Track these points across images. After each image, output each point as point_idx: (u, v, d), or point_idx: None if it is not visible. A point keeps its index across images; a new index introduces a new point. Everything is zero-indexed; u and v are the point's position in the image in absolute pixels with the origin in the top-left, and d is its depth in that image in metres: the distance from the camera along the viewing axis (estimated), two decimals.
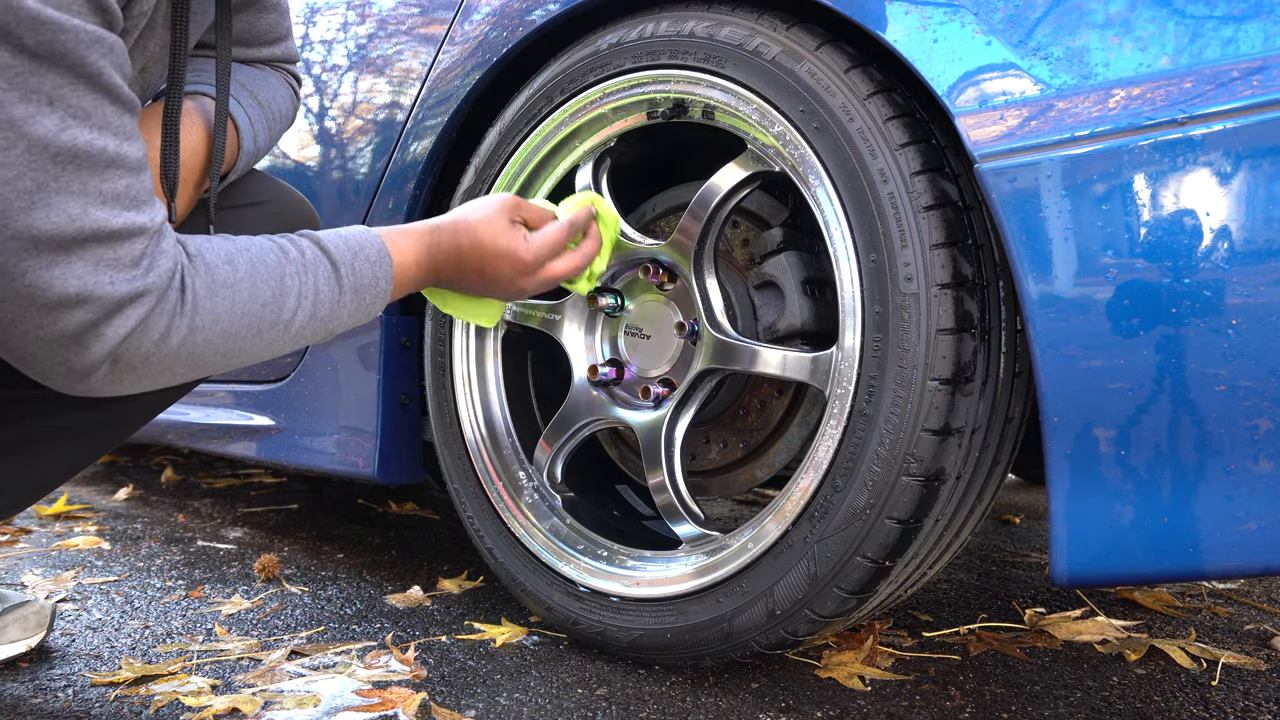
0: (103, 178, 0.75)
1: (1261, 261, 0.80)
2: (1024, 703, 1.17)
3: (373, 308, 1.00)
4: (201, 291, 0.84)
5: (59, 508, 2.14)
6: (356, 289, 0.97)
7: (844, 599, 1.06)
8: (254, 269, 0.89)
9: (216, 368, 0.89)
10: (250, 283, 0.88)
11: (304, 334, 0.94)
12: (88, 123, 0.73)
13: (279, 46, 1.20)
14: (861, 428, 1.03)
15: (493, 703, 1.12)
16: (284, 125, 1.22)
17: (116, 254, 0.76)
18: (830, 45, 1.08)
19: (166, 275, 0.80)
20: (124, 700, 1.11)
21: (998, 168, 0.91)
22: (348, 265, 0.96)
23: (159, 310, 0.80)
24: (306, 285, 0.93)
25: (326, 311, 0.95)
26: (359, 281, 0.97)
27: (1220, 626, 1.51)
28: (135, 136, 0.78)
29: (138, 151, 0.78)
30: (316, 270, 0.94)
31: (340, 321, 0.97)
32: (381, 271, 1.00)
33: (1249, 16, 0.81)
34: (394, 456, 1.54)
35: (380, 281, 1.00)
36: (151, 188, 0.81)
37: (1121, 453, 0.88)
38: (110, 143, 0.75)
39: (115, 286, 0.77)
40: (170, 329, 0.81)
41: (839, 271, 1.06)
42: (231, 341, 0.87)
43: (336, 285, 0.95)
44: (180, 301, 0.82)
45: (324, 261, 0.95)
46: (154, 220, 0.80)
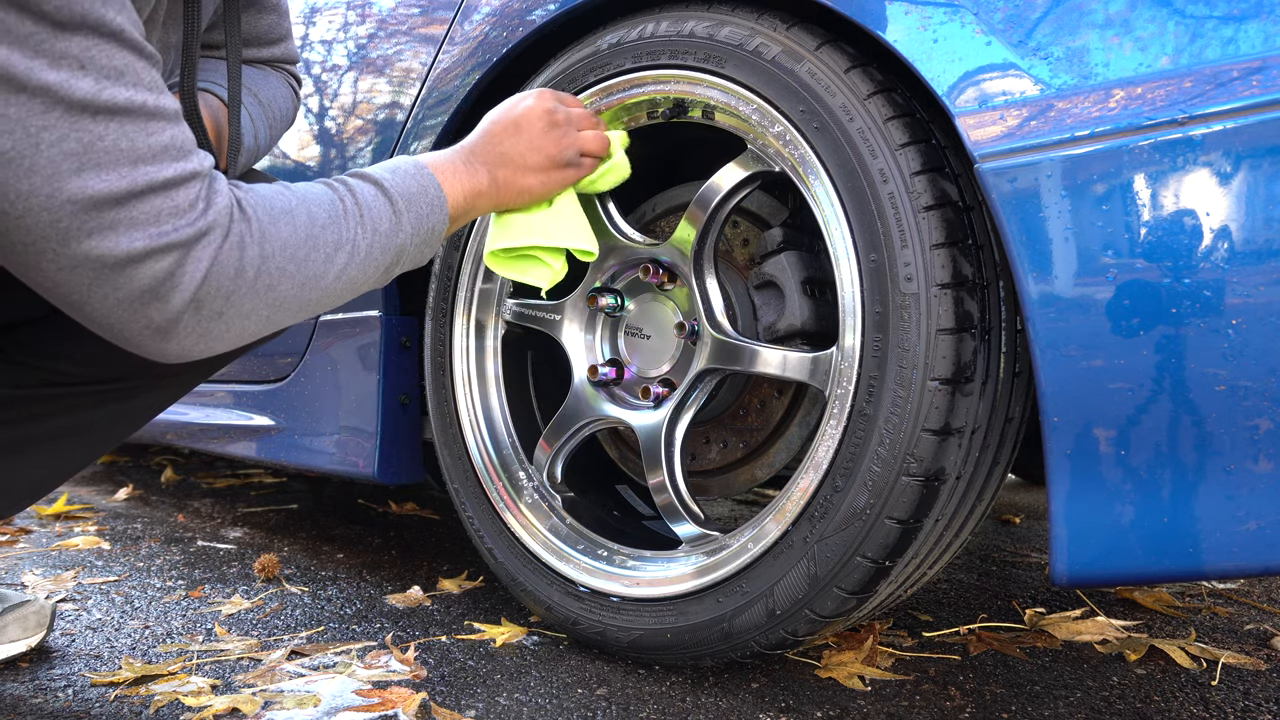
0: (147, 131, 0.75)
1: (1261, 261, 0.80)
2: (1024, 703, 1.17)
3: (433, 219, 0.98)
4: (264, 217, 0.84)
5: (59, 508, 2.14)
6: (407, 199, 0.96)
7: (844, 599, 1.06)
8: (304, 198, 0.89)
9: (300, 303, 0.88)
10: (305, 208, 0.88)
11: (374, 255, 0.92)
12: (122, 80, 0.73)
13: (279, 47, 1.21)
14: (861, 428, 1.03)
15: (493, 703, 1.12)
16: (284, 125, 1.22)
17: (175, 201, 0.76)
18: (830, 45, 1.08)
19: (227, 210, 0.80)
20: (124, 700, 1.11)
21: (998, 168, 0.91)
22: (389, 180, 0.95)
23: (228, 244, 0.80)
24: (359, 204, 0.92)
25: (387, 225, 0.93)
26: (407, 191, 0.96)
27: (1220, 626, 1.51)
28: (164, 89, 0.78)
29: (173, 104, 0.78)
30: (360, 190, 0.93)
31: (405, 236, 0.95)
32: (426, 180, 0.98)
33: (1249, 16, 0.81)
34: (394, 456, 1.54)
35: (429, 189, 0.98)
36: (193, 138, 0.81)
37: (1121, 453, 0.88)
38: (148, 97, 0.75)
39: (180, 231, 0.76)
40: (244, 260, 0.81)
41: (839, 271, 1.06)
42: (306, 267, 0.86)
43: (386, 199, 0.94)
44: (246, 230, 0.82)
45: (365, 184, 0.94)
46: (203, 165, 0.80)
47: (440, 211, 0.99)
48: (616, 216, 1.32)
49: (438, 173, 1.01)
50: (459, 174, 1.03)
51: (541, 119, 1.10)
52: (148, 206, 0.75)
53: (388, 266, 0.95)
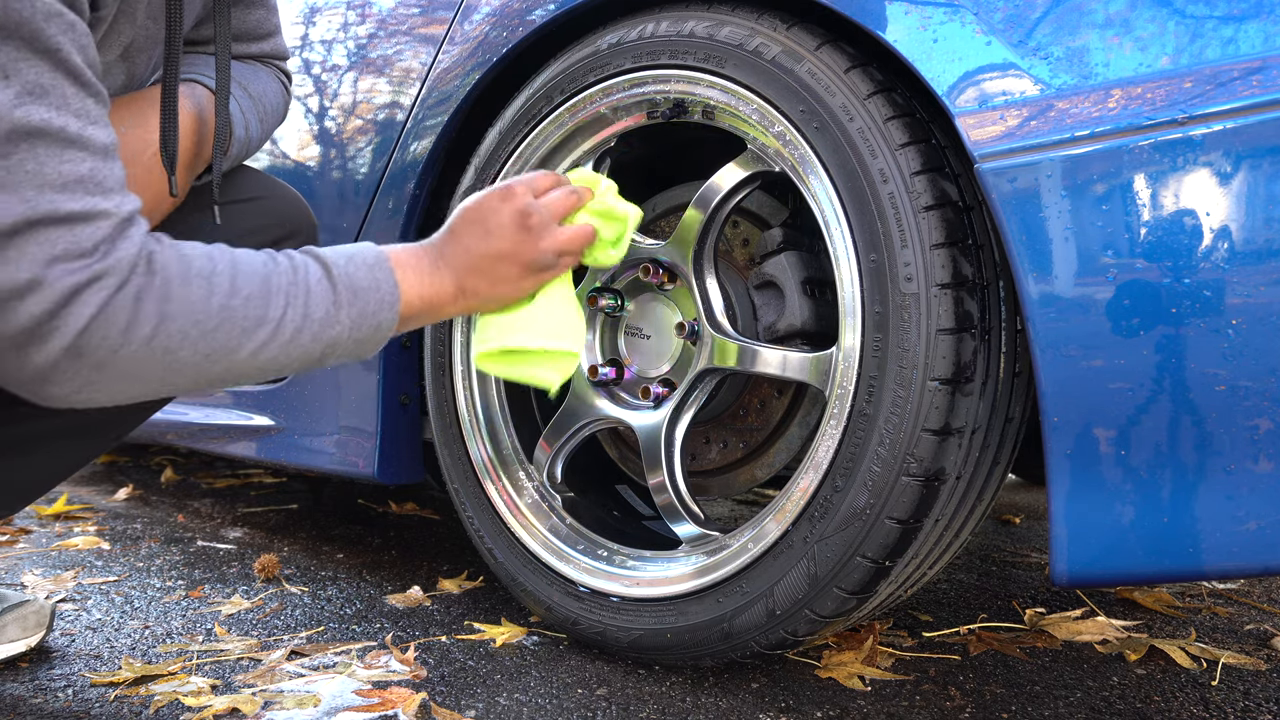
0: (61, 159, 0.71)
1: (1261, 261, 0.80)
2: (1024, 703, 1.17)
3: (379, 317, 0.91)
4: (175, 276, 0.78)
5: (59, 508, 2.14)
6: (353, 290, 0.90)
7: (844, 599, 1.06)
8: (234, 264, 0.83)
9: (202, 374, 0.82)
10: (230, 276, 0.82)
11: (301, 341, 0.87)
12: (44, 100, 0.70)
13: (268, 42, 1.21)
14: (861, 428, 1.03)
15: (493, 703, 1.12)
16: (275, 119, 1.22)
17: (75, 237, 0.72)
18: (830, 45, 1.08)
19: (130, 258, 0.75)
20: (124, 700, 1.11)
21: (998, 168, 0.91)
22: (340, 267, 0.90)
23: (122, 295, 0.75)
24: (297, 284, 0.86)
25: (322, 313, 0.87)
26: (355, 283, 0.90)
27: (1220, 626, 1.51)
28: (100, 122, 0.75)
29: (104, 137, 0.75)
30: (303, 270, 0.88)
31: (341, 329, 0.89)
32: (381, 275, 0.92)
33: (1249, 16, 0.81)
34: (394, 456, 1.54)
35: (382, 285, 0.91)
36: (123, 178, 0.77)
37: (1121, 453, 0.88)
38: (70, 123, 0.72)
39: (72, 272, 0.72)
40: (138, 315, 0.75)
41: (839, 271, 1.06)
42: (214, 339, 0.80)
43: (329, 285, 0.88)
44: (147, 285, 0.76)
45: (313, 264, 0.89)
46: (120, 207, 0.75)
47: (389, 310, 0.91)
48: None
49: (400, 269, 0.93)
50: (423, 276, 0.95)
51: (513, 224, 0.98)
52: (42, 238, 0.70)
53: (319, 355, 0.89)
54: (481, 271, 0.98)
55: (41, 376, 0.75)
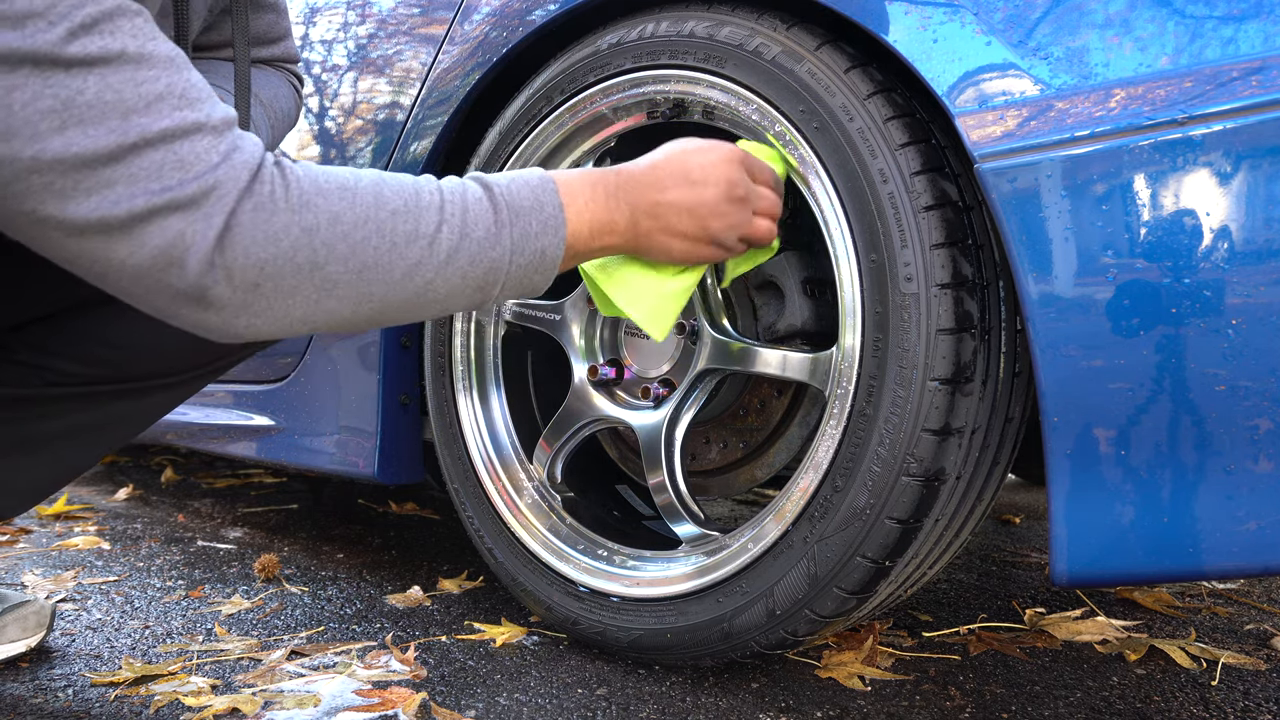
0: (135, 81, 0.69)
1: (1261, 261, 0.80)
2: (1024, 703, 1.17)
3: (543, 241, 0.84)
4: (309, 186, 0.74)
5: (59, 508, 2.14)
6: (515, 209, 0.83)
7: (844, 599, 1.06)
8: (377, 180, 0.79)
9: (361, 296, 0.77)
10: (373, 189, 0.78)
11: (459, 262, 0.80)
12: (96, 29, 0.68)
13: (278, 46, 1.20)
14: (861, 428, 1.03)
15: (493, 703, 1.12)
16: (287, 125, 1.21)
17: (177, 154, 0.69)
18: (830, 45, 1.08)
19: (248, 166, 0.72)
20: (124, 700, 1.11)
21: (998, 168, 0.91)
22: (501, 186, 0.84)
23: (249, 204, 0.71)
24: (452, 201, 0.81)
25: (481, 232, 0.81)
26: (517, 202, 0.83)
27: (1220, 626, 1.51)
28: (159, 37, 0.72)
29: (166, 49, 0.72)
30: (458, 187, 0.82)
31: (503, 251, 0.82)
32: (546, 196, 0.85)
33: (1249, 16, 0.81)
34: (394, 456, 1.54)
35: (546, 206, 0.84)
36: (204, 86, 0.73)
37: (1121, 453, 0.88)
38: (129, 43, 0.69)
39: (184, 186, 0.69)
40: (274, 225, 0.72)
41: (839, 271, 1.06)
42: (363, 252, 0.76)
43: (489, 203, 0.82)
44: (280, 193, 0.73)
45: (471, 183, 0.84)
46: (211, 116, 0.72)
47: (554, 234, 0.86)
48: None
49: (565, 193, 0.88)
50: (593, 203, 0.89)
51: (722, 184, 0.94)
52: (145, 161, 0.68)
53: (480, 282, 0.83)
54: (663, 217, 0.93)
55: (196, 302, 0.72)
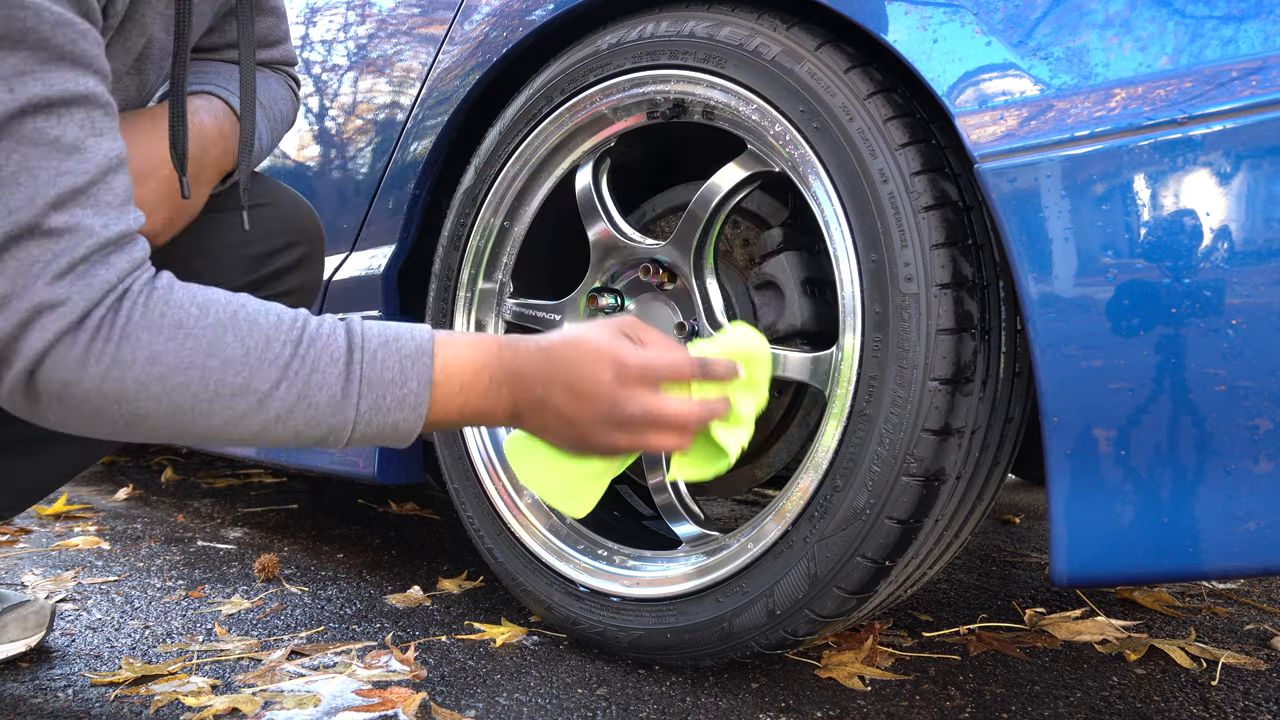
0: (57, 170, 0.69)
1: (1261, 261, 0.80)
2: (1024, 703, 1.17)
3: (398, 414, 0.79)
4: (138, 321, 0.72)
5: (59, 508, 2.14)
6: (371, 381, 0.78)
7: (844, 599, 1.06)
8: (233, 322, 0.75)
9: (174, 430, 0.75)
10: (215, 334, 0.74)
11: (293, 422, 0.77)
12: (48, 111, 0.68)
13: (278, 49, 1.21)
14: (861, 428, 1.03)
15: (493, 703, 1.12)
16: (285, 127, 1.22)
17: (53, 254, 0.69)
18: (830, 45, 1.08)
19: (97, 291, 0.71)
20: (124, 700, 1.11)
21: (998, 168, 0.91)
22: (369, 351, 0.79)
23: (82, 327, 0.70)
24: (303, 360, 0.76)
25: (324, 398, 0.77)
26: (379, 373, 0.78)
27: (1220, 626, 1.51)
28: (106, 133, 0.72)
29: (106, 149, 0.72)
30: (322, 346, 0.78)
31: (346, 418, 0.78)
32: (414, 370, 0.80)
33: (1249, 16, 0.81)
34: (394, 456, 1.54)
35: (409, 381, 0.79)
36: (124, 194, 0.73)
37: (1121, 453, 0.88)
38: (68, 132, 0.69)
39: (35, 292, 0.68)
40: (89, 354, 0.70)
41: (839, 271, 1.06)
42: (177, 395, 0.73)
43: (345, 369, 0.78)
44: (109, 324, 0.71)
45: (340, 340, 0.79)
46: (107, 228, 0.71)
47: (412, 411, 0.80)
48: (617, 217, 1.32)
49: (442, 371, 0.81)
50: (471, 389, 0.83)
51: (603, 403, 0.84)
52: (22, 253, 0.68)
53: (320, 437, 0.79)
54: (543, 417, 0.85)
55: (11, 395, 0.72)
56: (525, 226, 1.40)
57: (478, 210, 1.40)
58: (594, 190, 1.32)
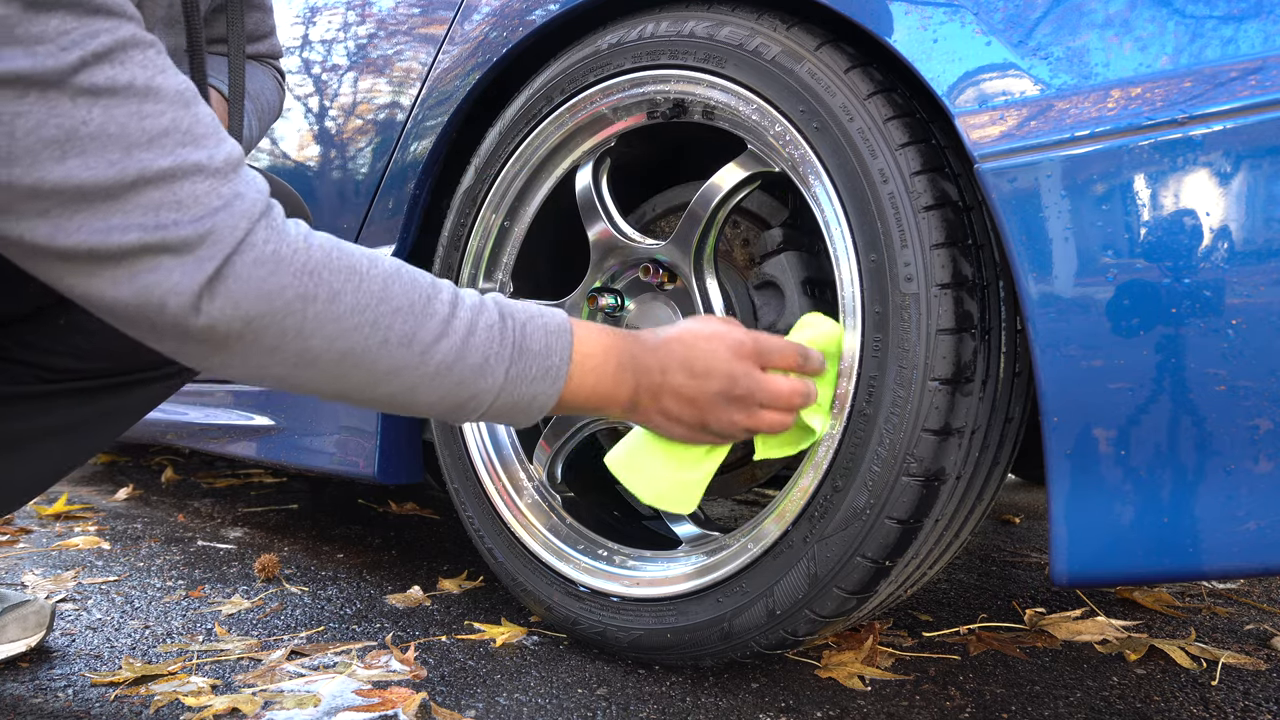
0: (140, 115, 0.68)
1: (1261, 261, 0.80)
2: (1024, 703, 1.17)
3: (537, 388, 0.82)
4: (316, 254, 0.72)
5: (59, 508, 2.14)
6: (521, 348, 0.81)
7: (844, 599, 1.06)
8: (397, 275, 0.77)
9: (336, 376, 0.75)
10: (384, 282, 0.75)
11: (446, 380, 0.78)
12: (108, 60, 0.67)
13: (264, 43, 1.23)
14: (861, 428, 1.03)
15: (493, 703, 1.12)
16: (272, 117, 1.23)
17: (176, 195, 0.68)
18: (830, 45, 1.08)
19: (246, 215, 0.71)
20: (124, 700, 1.11)
21: (998, 168, 0.91)
22: (518, 321, 0.82)
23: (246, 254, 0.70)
24: (460, 318, 0.78)
25: (479, 359, 0.78)
26: (526, 341, 0.81)
27: (1220, 626, 1.51)
28: (169, 69, 0.71)
29: (176, 83, 0.71)
30: (477, 310, 0.80)
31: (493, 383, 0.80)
32: (557, 344, 0.83)
33: (1249, 16, 0.81)
34: (394, 456, 1.54)
35: (554, 354, 0.82)
36: (211, 123, 0.72)
37: (1121, 453, 0.88)
38: (139, 75, 0.68)
39: (179, 228, 0.68)
40: (270, 281, 0.70)
41: (839, 271, 1.06)
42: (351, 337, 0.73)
43: (499, 334, 0.80)
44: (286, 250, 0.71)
45: (490, 306, 0.81)
46: (214, 157, 0.71)
47: (551, 385, 0.84)
48: (617, 217, 1.32)
49: (579, 351, 0.85)
50: (602, 372, 0.87)
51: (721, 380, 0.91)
52: (141, 198, 0.68)
53: (460, 402, 0.80)
54: (660, 401, 0.91)
55: (173, 337, 0.71)
56: (525, 226, 1.41)
57: (478, 210, 1.40)
58: (594, 190, 1.32)
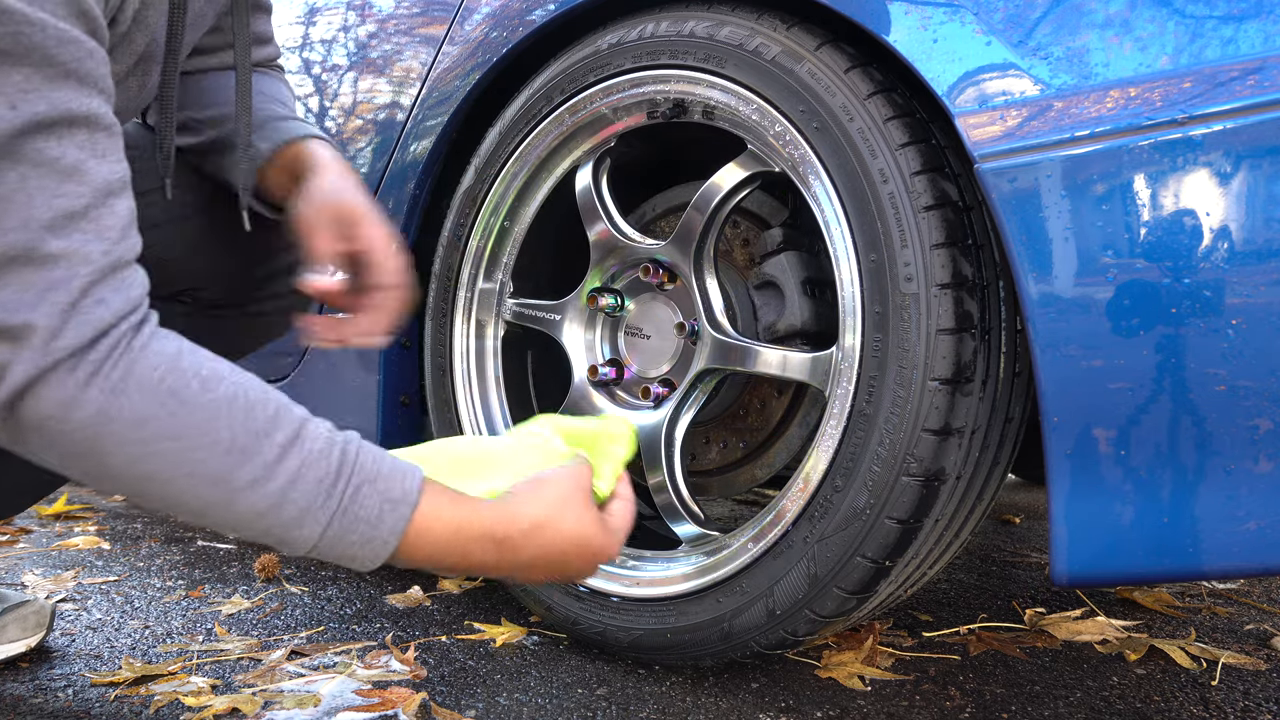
0: (55, 193, 0.65)
1: (1261, 261, 0.80)
2: (1024, 703, 1.17)
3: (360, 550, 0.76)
4: (136, 377, 0.68)
5: (59, 508, 2.14)
6: (345, 512, 0.74)
7: (844, 599, 1.06)
8: (229, 407, 0.71)
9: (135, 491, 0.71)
10: (210, 413, 0.70)
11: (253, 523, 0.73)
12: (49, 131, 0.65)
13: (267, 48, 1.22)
14: (861, 428, 1.03)
15: (493, 703, 1.12)
16: None
17: (45, 280, 0.65)
18: (830, 45, 1.08)
19: (95, 328, 0.67)
20: (124, 700, 1.11)
21: (998, 168, 0.91)
22: (354, 485, 0.75)
23: (75, 367, 0.66)
24: (286, 466, 0.73)
25: (295, 512, 0.73)
26: (355, 508, 0.75)
27: (1220, 626, 1.51)
28: (108, 155, 0.70)
29: (106, 172, 0.69)
30: (317, 462, 0.74)
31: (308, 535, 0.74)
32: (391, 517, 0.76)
33: (1249, 16, 0.81)
34: None
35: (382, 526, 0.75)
36: (126, 220, 0.70)
37: (1121, 453, 0.88)
38: (69, 153, 0.66)
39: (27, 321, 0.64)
40: (76, 398, 0.66)
41: (839, 271, 1.06)
42: (152, 463, 0.69)
43: (326, 491, 0.74)
44: (104, 371, 0.67)
45: (331, 460, 0.75)
46: (107, 255, 0.68)
47: (372, 554, 0.77)
48: (617, 217, 1.32)
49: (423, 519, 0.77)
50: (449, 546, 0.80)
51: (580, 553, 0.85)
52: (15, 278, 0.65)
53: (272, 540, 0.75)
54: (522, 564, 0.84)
55: None
56: (525, 226, 1.41)
57: (478, 210, 1.40)
58: (594, 190, 1.32)
